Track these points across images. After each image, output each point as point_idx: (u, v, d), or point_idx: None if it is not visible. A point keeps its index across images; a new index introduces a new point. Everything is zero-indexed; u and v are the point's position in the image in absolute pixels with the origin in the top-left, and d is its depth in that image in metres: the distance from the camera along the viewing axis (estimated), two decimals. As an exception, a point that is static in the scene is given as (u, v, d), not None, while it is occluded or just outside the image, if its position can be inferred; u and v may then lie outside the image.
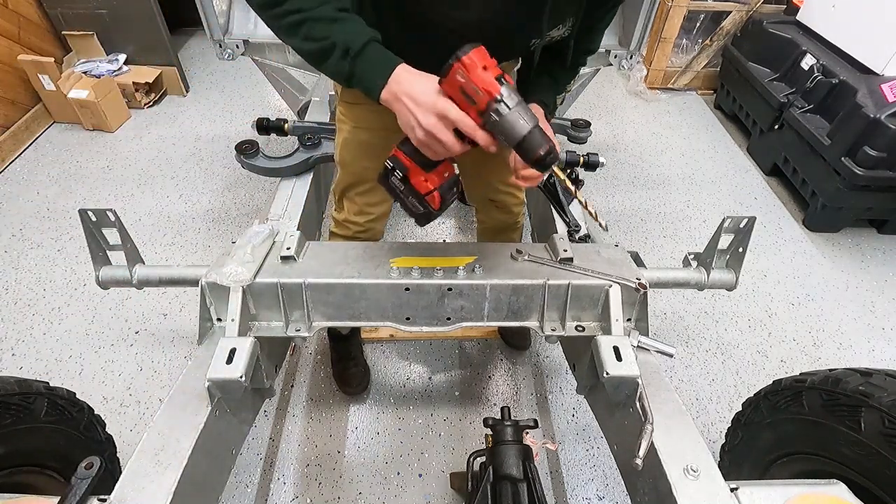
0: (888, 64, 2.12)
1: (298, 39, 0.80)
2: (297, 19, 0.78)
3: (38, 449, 0.98)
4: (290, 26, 0.79)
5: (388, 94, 0.77)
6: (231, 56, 1.81)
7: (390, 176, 0.88)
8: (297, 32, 0.79)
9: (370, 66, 0.78)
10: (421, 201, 0.88)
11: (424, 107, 0.74)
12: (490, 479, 1.03)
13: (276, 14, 0.79)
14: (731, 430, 1.25)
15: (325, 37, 0.77)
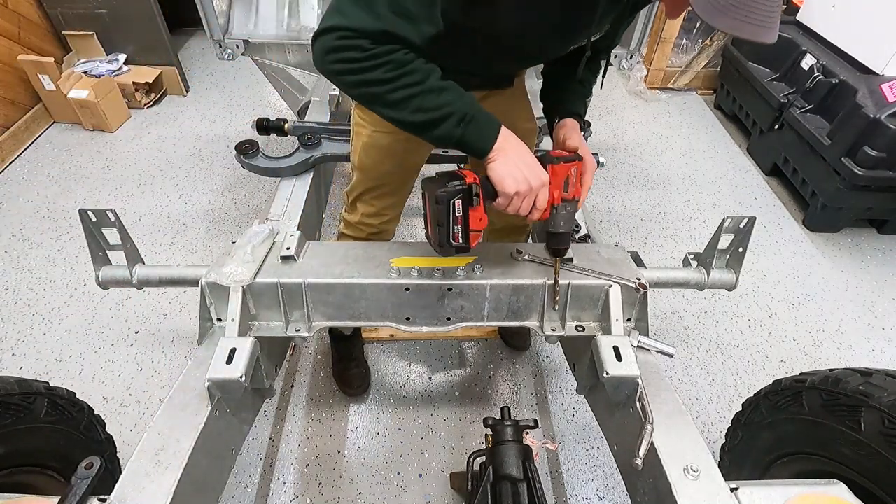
0: (888, 64, 2.12)
1: (408, 112, 0.80)
2: (409, 94, 0.78)
3: (38, 449, 0.98)
4: (400, 101, 0.79)
5: (496, 152, 0.85)
6: (231, 56, 1.81)
7: (456, 197, 0.85)
8: (408, 105, 0.79)
9: (480, 129, 0.84)
10: (465, 236, 0.90)
11: (534, 172, 0.86)
12: (490, 479, 1.03)
13: (384, 91, 0.78)
14: (731, 430, 1.25)
15: (439, 107, 0.80)
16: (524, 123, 1.28)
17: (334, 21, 0.73)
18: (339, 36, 0.73)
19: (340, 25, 0.73)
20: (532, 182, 0.85)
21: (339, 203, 2.46)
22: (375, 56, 0.74)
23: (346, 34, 0.73)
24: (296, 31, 1.82)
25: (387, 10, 0.72)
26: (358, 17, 0.72)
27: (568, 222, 0.97)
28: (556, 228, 0.97)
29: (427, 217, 0.92)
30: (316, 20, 1.89)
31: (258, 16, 1.84)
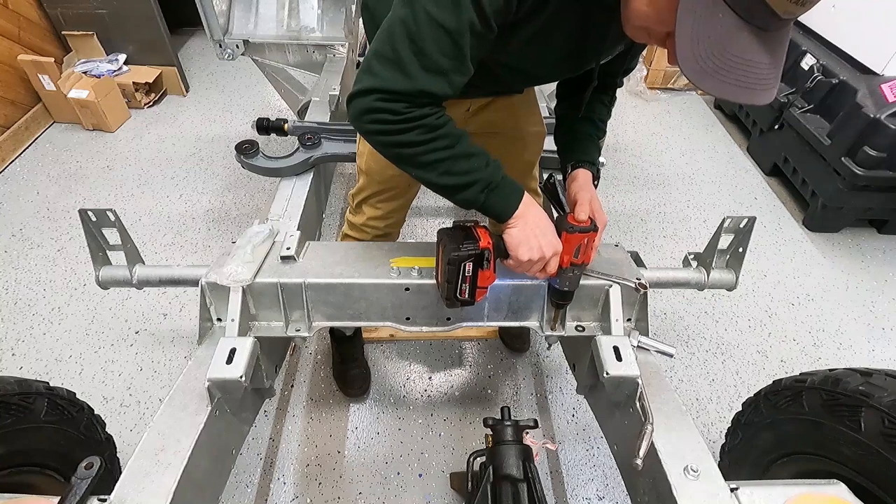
0: (888, 64, 2.12)
1: (436, 174, 0.81)
2: (439, 157, 0.80)
3: (38, 449, 0.98)
4: (430, 163, 0.80)
5: (515, 219, 0.88)
6: (231, 56, 1.81)
7: (467, 261, 0.89)
8: (437, 168, 0.81)
9: (504, 197, 0.87)
10: (472, 292, 0.93)
11: (549, 241, 0.89)
12: (490, 479, 1.03)
13: (415, 153, 0.79)
14: (731, 430, 1.25)
15: (467, 172, 0.82)
16: (532, 127, 1.28)
17: (370, 83, 0.74)
18: (376, 98, 0.74)
19: (376, 87, 0.74)
20: (545, 251, 0.88)
21: (339, 203, 2.46)
22: (409, 119, 0.75)
23: (382, 97, 0.74)
24: (296, 31, 1.82)
25: (418, 69, 0.72)
26: (392, 78, 0.73)
27: (573, 283, 1.00)
28: (562, 287, 1.00)
29: (438, 265, 0.96)
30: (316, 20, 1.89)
31: (258, 16, 1.84)
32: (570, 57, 0.91)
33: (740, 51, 0.62)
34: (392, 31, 0.72)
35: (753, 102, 0.67)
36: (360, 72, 0.76)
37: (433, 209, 2.45)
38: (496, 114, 1.17)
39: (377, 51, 0.74)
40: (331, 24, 1.84)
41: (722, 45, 0.62)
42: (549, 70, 0.98)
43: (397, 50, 0.72)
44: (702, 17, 0.62)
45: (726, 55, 0.62)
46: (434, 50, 0.71)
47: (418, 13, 0.70)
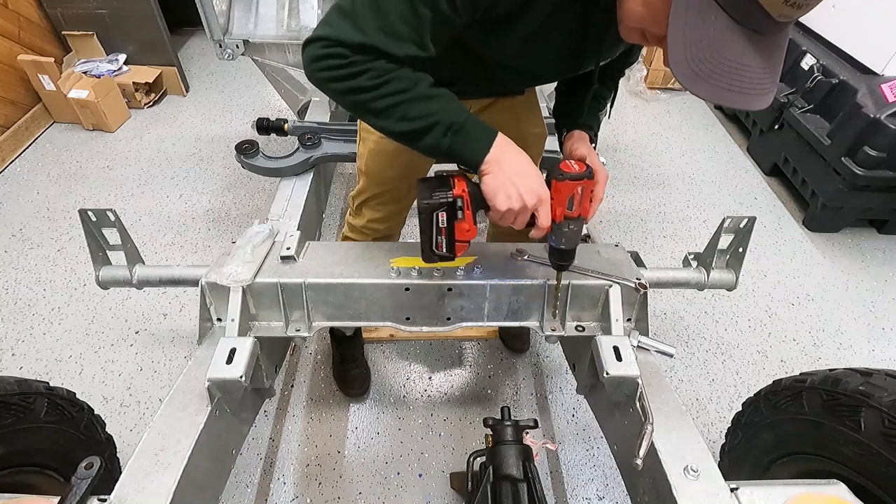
0: (888, 64, 2.12)
1: (393, 120, 0.77)
2: (394, 101, 0.75)
3: (38, 449, 0.98)
4: (384, 109, 0.76)
5: (488, 164, 0.79)
6: (231, 56, 1.81)
7: (439, 210, 0.82)
8: (393, 114, 0.76)
9: (471, 140, 0.79)
10: (450, 246, 0.87)
11: (531, 188, 0.79)
12: (490, 479, 1.03)
13: (368, 99, 0.75)
14: (731, 430, 1.25)
15: (425, 115, 0.76)
16: (533, 129, 1.28)
17: (322, 31, 0.73)
18: (322, 45, 0.73)
19: (327, 35, 0.72)
20: (527, 200, 0.79)
21: (339, 203, 2.46)
22: (355, 63, 0.72)
23: (328, 43, 0.72)
24: (296, 31, 1.82)
25: (372, 25, 0.71)
26: (344, 29, 0.72)
27: (571, 240, 0.91)
28: (558, 245, 0.92)
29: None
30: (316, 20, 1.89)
31: (258, 16, 1.84)
32: (569, 57, 0.90)
33: (734, 55, 0.60)
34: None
35: (748, 108, 0.65)
36: (319, 22, 0.75)
37: (433, 209, 2.45)
38: (497, 115, 1.17)
39: (339, 5, 0.73)
40: (331, 24, 1.85)
41: (715, 48, 0.60)
42: (548, 69, 0.96)
43: (355, 4, 0.71)
44: (694, 19, 0.60)
45: (719, 59, 0.60)
46: (392, 10, 0.70)
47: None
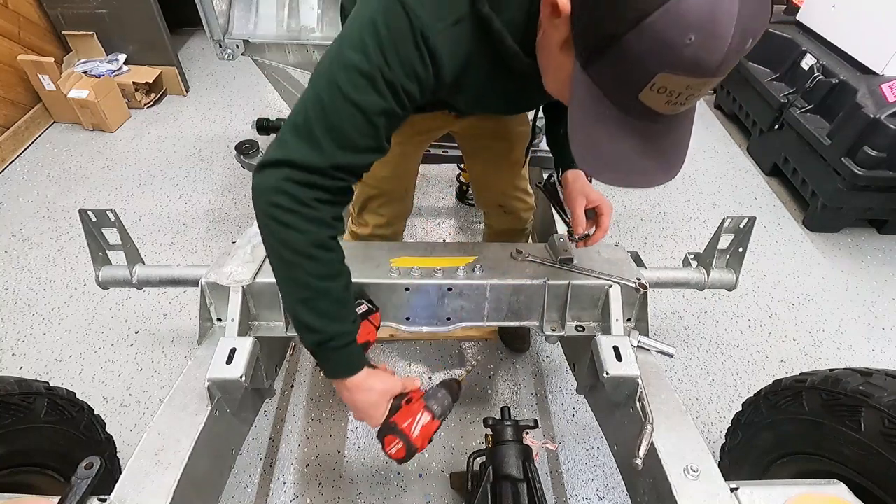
0: (888, 64, 2.12)
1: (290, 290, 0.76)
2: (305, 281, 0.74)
3: (38, 449, 0.98)
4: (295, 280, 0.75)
5: (339, 386, 0.84)
6: (231, 56, 1.81)
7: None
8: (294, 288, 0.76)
9: (336, 363, 0.82)
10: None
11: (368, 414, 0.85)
12: (490, 479, 1.03)
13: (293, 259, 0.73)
14: (731, 430, 1.25)
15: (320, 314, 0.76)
16: (518, 127, 1.29)
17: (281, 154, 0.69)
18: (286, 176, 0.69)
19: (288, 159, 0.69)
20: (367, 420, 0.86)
21: (339, 203, 2.46)
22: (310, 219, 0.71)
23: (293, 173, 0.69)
24: (296, 31, 1.82)
25: (331, 144, 0.69)
26: (304, 152, 0.69)
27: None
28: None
29: None
30: (316, 20, 1.89)
31: (258, 16, 1.84)
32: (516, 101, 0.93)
33: (631, 143, 0.61)
34: (307, 105, 0.69)
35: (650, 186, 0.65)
36: (273, 143, 0.72)
37: (433, 209, 2.45)
38: (481, 115, 1.17)
39: (293, 123, 0.70)
40: (331, 24, 1.84)
41: (612, 137, 0.61)
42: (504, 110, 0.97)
43: (310, 124, 0.69)
44: (590, 110, 0.61)
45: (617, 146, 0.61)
46: (349, 127, 0.69)
47: (334, 92, 0.67)
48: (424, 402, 0.89)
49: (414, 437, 0.85)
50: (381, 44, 0.65)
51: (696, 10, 0.47)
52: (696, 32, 0.48)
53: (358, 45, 0.66)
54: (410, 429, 0.85)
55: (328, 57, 0.69)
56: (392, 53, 0.65)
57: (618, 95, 0.57)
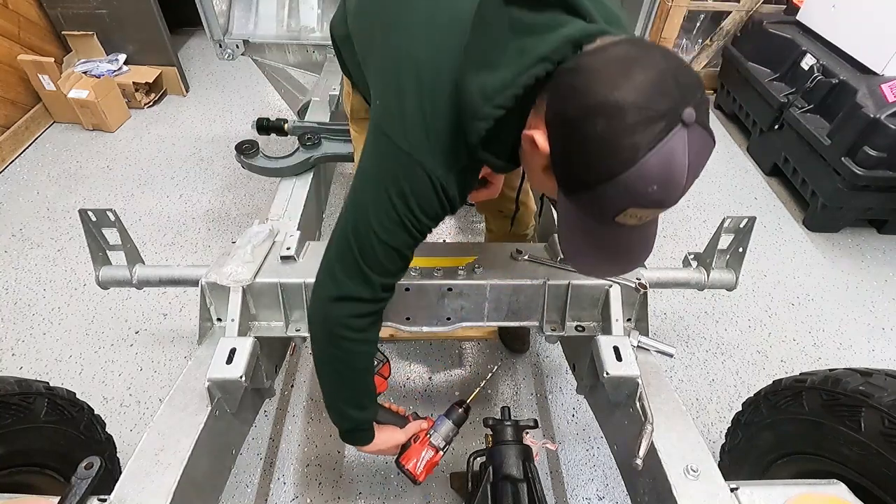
0: (888, 64, 2.12)
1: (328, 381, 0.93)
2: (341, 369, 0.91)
3: (38, 449, 0.98)
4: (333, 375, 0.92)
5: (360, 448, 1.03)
6: (231, 56, 1.81)
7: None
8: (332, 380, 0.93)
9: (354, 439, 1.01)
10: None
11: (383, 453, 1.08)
12: (490, 479, 1.03)
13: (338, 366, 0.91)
14: (731, 430, 1.25)
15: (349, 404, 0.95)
16: None
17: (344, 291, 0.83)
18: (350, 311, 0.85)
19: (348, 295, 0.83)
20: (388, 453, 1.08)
21: (340, 203, 2.46)
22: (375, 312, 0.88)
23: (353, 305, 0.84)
24: (296, 31, 1.82)
25: (375, 275, 0.82)
26: (357, 287, 0.83)
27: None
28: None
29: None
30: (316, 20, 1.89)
31: (258, 16, 1.84)
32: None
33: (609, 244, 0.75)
34: (351, 246, 0.81)
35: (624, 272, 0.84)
36: (324, 276, 0.85)
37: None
38: None
39: (341, 262, 0.83)
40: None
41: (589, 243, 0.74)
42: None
43: (358, 263, 0.81)
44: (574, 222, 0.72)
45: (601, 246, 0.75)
46: (388, 262, 0.82)
47: (372, 238, 0.79)
48: (429, 440, 1.08)
49: (417, 473, 1.05)
50: (409, 204, 0.77)
51: (656, 168, 0.57)
52: (657, 184, 0.58)
53: (388, 205, 0.77)
54: (415, 467, 1.06)
55: (358, 208, 0.80)
56: (419, 209, 0.77)
57: (595, 216, 0.68)
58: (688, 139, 0.57)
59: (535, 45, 0.65)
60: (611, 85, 0.57)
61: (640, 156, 0.57)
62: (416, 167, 0.75)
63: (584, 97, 0.59)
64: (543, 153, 0.66)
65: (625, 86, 0.57)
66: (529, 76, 0.65)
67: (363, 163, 0.81)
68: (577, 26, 0.64)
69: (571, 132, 0.61)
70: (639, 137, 0.56)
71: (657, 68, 0.58)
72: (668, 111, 0.56)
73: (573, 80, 0.61)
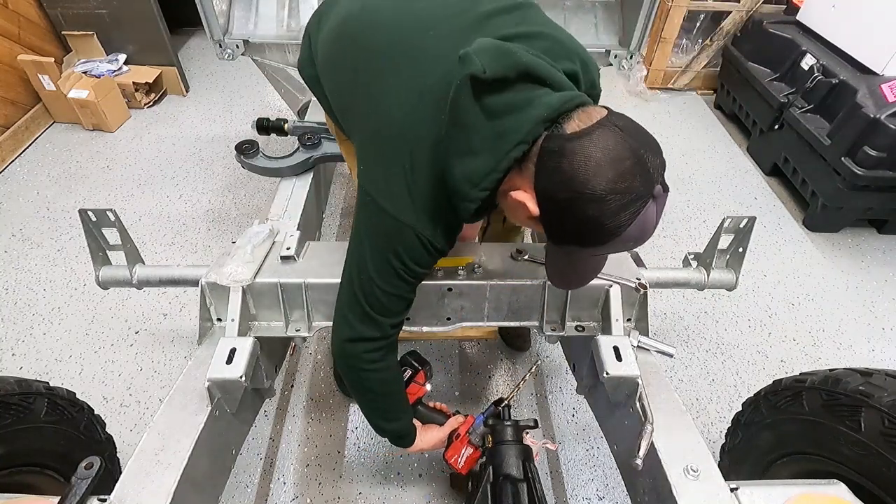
0: (888, 64, 2.12)
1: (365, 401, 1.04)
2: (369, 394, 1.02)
3: (38, 449, 0.98)
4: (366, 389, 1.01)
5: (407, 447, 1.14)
6: (231, 56, 1.81)
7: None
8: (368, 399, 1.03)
9: (397, 441, 1.12)
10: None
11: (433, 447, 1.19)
12: (490, 479, 1.03)
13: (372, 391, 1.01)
14: (731, 430, 1.25)
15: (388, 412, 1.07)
16: None
17: (357, 333, 0.93)
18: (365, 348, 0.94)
19: (362, 336, 0.93)
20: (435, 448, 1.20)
21: (340, 203, 2.46)
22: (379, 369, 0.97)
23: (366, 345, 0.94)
24: (296, 31, 1.82)
25: (384, 319, 0.92)
26: (369, 330, 0.93)
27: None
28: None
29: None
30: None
31: (258, 16, 1.84)
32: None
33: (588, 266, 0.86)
34: (359, 298, 0.90)
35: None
36: (340, 320, 0.95)
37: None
38: None
39: (351, 309, 0.92)
40: (331, 24, 1.85)
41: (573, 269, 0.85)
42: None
43: (366, 309, 0.90)
44: (560, 261, 0.85)
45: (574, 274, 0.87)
46: (392, 306, 0.92)
47: (376, 290, 0.88)
48: (468, 438, 1.17)
49: (459, 467, 1.16)
50: (403, 260, 0.85)
51: (635, 233, 0.69)
52: (633, 240, 0.71)
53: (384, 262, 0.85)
54: (457, 462, 1.16)
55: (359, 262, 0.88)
56: (412, 262, 0.86)
57: (577, 254, 0.79)
58: (656, 206, 0.70)
59: (511, 129, 0.71)
60: (596, 174, 0.66)
61: (622, 230, 0.68)
62: (404, 229, 0.83)
63: (571, 183, 0.67)
64: (533, 213, 0.74)
65: (608, 175, 0.66)
66: (509, 160, 0.72)
67: (358, 219, 0.89)
68: (545, 103, 0.71)
69: (562, 211, 0.70)
70: (622, 217, 0.67)
71: (632, 153, 0.67)
72: (644, 193, 0.67)
73: (559, 163, 0.68)
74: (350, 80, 0.91)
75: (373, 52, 0.87)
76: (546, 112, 0.70)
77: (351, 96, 0.91)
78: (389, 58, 0.84)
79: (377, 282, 0.87)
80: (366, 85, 0.86)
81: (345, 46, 0.93)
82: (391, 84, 0.83)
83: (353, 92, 0.90)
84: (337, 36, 0.96)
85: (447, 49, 0.79)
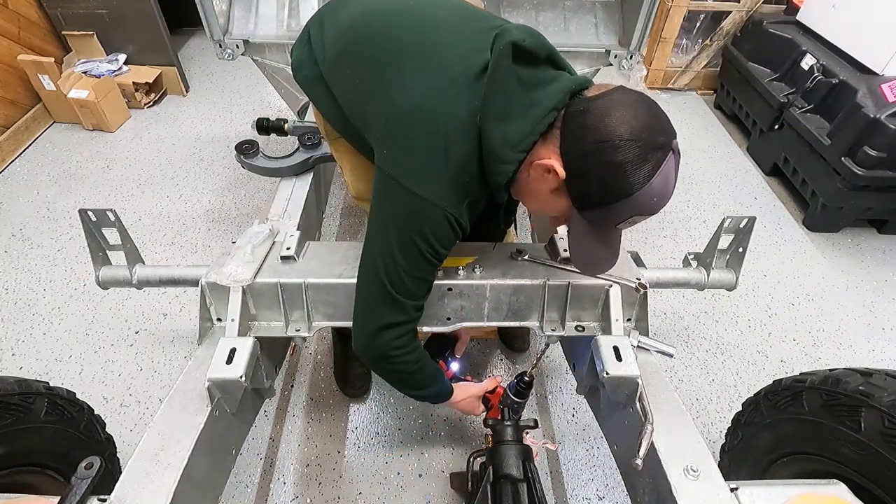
0: (888, 64, 2.12)
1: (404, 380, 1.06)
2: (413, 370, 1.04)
3: (38, 449, 0.98)
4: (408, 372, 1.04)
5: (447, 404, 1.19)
6: (231, 56, 1.81)
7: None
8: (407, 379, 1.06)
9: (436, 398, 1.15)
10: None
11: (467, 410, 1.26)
12: (490, 479, 1.03)
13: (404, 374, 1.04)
14: (731, 430, 1.25)
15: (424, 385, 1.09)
16: None
17: (384, 321, 0.95)
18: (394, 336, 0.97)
19: (390, 323, 0.95)
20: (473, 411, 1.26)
21: (340, 203, 2.46)
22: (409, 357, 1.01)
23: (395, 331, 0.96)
24: (296, 31, 1.82)
25: (410, 304, 0.95)
26: (396, 316, 0.95)
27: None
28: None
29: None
30: (316, 20, 1.88)
31: (258, 16, 1.84)
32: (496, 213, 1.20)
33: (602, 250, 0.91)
34: (384, 282, 0.91)
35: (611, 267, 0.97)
36: (363, 313, 0.97)
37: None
38: None
39: (376, 295, 0.94)
40: (331, 24, 1.84)
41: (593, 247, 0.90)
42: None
43: (392, 295, 0.92)
44: (583, 234, 0.89)
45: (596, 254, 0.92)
46: (416, 289, 0.94)
47: (402, 273, 0.90)
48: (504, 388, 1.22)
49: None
50: (429, 241, 0.88)
51: (659, 186, 0.75)
52: (657, 196, 0.76)
53: (411, 244, 0.88)
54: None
55: (384, 249, 0.90)
56: (438, 243, 0.89)
57: (602, 224, 0.84)
58: (675, 161, 0.76)
59: (542, 98, 0.82)
60: (620, 123, 0.73)
61: (648, 179, 0.73)
62: (432, 209, 0.86)
63: (596, 133, 0.74)
64: (559, 178, 0.79)
65: (631, 124, 0.73)
66: (543, 124, 0.81)
67: (379, 206, 0.91)
68: (567, 79, 0.84)
69: (589, 162, 0.76)
70: (645, 167, 0.73)
71: (649, 110, 0.77)
72: (664, 143, 0.74)
73: (584, 120, 0.76)
74: (372, 77, 0.94)
75: (396, 53, 0.92)
76: (571, 85, 0.82)
77: (370, 92, 0.94)
78: (412, 56, 0.91)
79: (403, 265, 0.90)
80: (392, 80, 0.90)
81: (363, 46, 0.98)
82: (419, 78, 0.88)
83: (374, 87, 0.93)
84: (353, 38, 1.00)
85: (468, 46, 0.88)
